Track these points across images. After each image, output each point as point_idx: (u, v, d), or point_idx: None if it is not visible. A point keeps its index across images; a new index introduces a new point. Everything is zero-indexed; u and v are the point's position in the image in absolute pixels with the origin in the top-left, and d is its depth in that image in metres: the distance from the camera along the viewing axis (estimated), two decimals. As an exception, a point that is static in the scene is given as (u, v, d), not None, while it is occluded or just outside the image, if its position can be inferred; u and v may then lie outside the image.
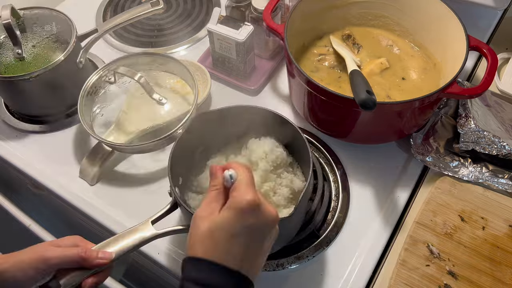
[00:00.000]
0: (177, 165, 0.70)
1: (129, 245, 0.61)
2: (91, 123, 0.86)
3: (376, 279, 0.73)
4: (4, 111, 0.98)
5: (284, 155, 0.74)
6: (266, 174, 0.72)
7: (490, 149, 0.80)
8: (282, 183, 0.73)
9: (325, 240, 0.77)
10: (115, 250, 0.60)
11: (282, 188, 0.72)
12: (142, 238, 0.62)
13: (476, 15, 1.01)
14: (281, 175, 0.74)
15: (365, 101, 0.68)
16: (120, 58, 0.89)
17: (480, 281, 0.70)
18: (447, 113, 0.88)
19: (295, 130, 0.71)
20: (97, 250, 0.58)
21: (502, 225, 0.76)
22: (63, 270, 0.56)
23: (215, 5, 1.19)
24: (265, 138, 0.75)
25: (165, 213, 0.67)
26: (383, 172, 0.85)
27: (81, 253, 0.56)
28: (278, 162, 0.73)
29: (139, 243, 0.62)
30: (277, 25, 0.84)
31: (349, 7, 0.95)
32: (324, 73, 0.91)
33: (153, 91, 0.84)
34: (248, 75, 0.99)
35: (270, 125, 0.75)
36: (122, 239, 0.61)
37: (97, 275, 0.58)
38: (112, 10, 1.20)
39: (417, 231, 0.75)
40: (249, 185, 0.51)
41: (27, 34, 0.94)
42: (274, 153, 0.73)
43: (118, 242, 0.61)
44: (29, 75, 0.85)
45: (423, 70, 0.90)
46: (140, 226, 0.63)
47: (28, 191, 0.98)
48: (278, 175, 0.74)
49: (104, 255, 0.58)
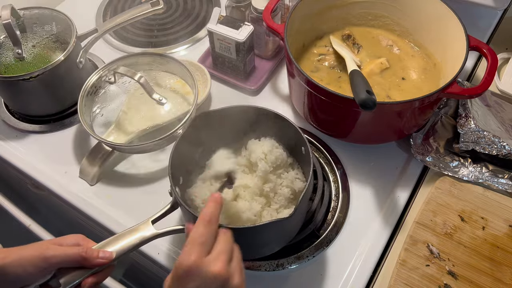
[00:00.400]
0: (177, 165, 0.70)
1: (130, 245, 0.61)
2: (91, 123, 0.86)
3: (376, 279, 0.73)
4: (4, 111, 0.98)
5: (284, 156, 0.74)
6: (265, 175, 0.72)
7: (490, 149, 0.80)
8: (283, 183, 0.73)
9: (325, 240, 0.77)
10: (115, 249, 0.59)
11: (282, 189, 0.72)
12: (142, 238, 0.62)
13: (476, 15, 1.01)
14: (282, 176, 0.74)
15: (365, 101, 0.68)
16: (120, 58, 0.89)
17: (480, 281, 0.70)
18: (447, 113, 0.88)
19: (295, 130, 0.71)
20: (98, 249, 0.58)
21: (502, 225, 0.76)
22: (64, 269, 0.56)
23: (215, 5, 1.19)
24: (264, 139, 0.76)
25: (165, 213, 0.67)
26: (383, 172, 0.85)
27: (82, 253, 0.56)
28: (278, 162, 0.73)
29: (139, 242, 0.62)
30: (277, 25, 0.84)
31: (349, 7, 0.95)
32: (324, 73, 0.91)
33: (153, 91, 0.84)
34: (248, 75, 0.99)
35: (271, 126, 0.75)
36: (122, 239, 0.61)
37: (97, 275, 0.58)
38: (112, 10, 1.20)
39: (417, 231, 0.75)
40: (194, 244, 0.50)
41: (27, 34, 0.94)
42: (273, 153, 0.73)
43: (119, 241, 0.61)
44: (29, 75, 0.85)
45: (423, 70, 0.90)
46: (140, 226, 0.63)
47: (28, 191, 0.98)
48: (278, 176, 0.74)
49: (105, 254, 0.58)
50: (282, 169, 0.74)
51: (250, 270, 0.74)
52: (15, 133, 0.95)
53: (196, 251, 0.49)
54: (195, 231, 0.51)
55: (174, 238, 0.79)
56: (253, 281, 0.74)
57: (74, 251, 0.56)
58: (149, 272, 0.92)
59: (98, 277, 0.58)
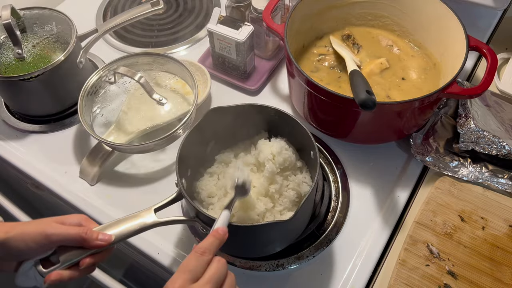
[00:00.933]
0: (186, 156, 0.70)
1: (130, 230, 0.62)
2: (91, 123, 0.86)
3: (376, 279, 0.73)
4: (4, 111, 0.98)
5: (292, 158, 0.74)
6: (272, 175, 0.71)
7: (490, 149, 0.80)
8: (289, 185, 0.72)
9: (325, 240, 0.77)
10: (115, 233, 0.60)
11: (288, 191, 0.72)
12: (143, 224, 0.62)
13: (476, 15, 1.01)
14: (289, 178, 0.73)
15: (365, 101, 0.68)
16: (120, 58, 0.89)
17: (480, 281, 0.70)
18: (447, 113, 0.88)
19: (306, 134, 0.71)
20: (98, 232, 0.59)
21: (502, 225, 0.76)
22: (64, 247, 0.57)
23: (215, 5, 1.19)
24: (275, 140, 0.75)
25: (169, 203, 0.67)
26: (383, 172, 0.85)
27: (82, 234, 0.57)
28: (285, 164, 0.73)
29: (139, 228, 0.62)
30: (277, 25, 0.84)
31: (349, 7, 0.95)
32: (324, 73, 0.91)
33: (153, 91, 0.84)
34: (248, 75, 0.99)
35: (283, 127, 0.75)
36: (123, 223, 0.62)
37: (95, 256, 0.59)
38: (112, 10, 1.20)
39: (417, 231, 0.75)
40: (182, 271, 0.50)
41: (27, 34, 0.94)
42: (282, 155, 0.72)
43: (119, 225, 0.61)
44: (29, 75, 0.85)
45: (423, 70, 0.90)
46: (143, 213, 0.64)
47: (28, 191, 0.98)
48: (285, 178, 0.73)
49: (104, 237, 0.58)
50: (290, 171, 0.74)
51: (250, 270, 0.74)
52: (15, 133, 0.95)
53: (182, 278, 0.49)
54: (187, 260, 0.52)
55: (174, 239, 0.79)
56: (253, 281, 0.74)
57: (75, 231, 0.57)
58: (149, 272, 0.92)
59: (96, 258, 0.59)
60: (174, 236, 0.79)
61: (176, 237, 0.79)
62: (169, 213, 0.67)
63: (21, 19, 0.93)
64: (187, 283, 0.49)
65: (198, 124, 0.72)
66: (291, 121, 0.73)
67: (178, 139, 0.85)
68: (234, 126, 0.76)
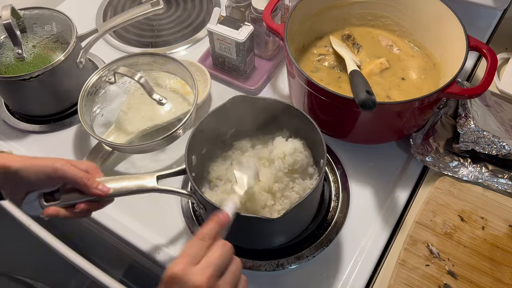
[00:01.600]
0: (204, 132, 0.72)
1: (128, 188, 0.64)
2: (91, 123, 0.86)
3: (376, 279, 0.73)
4: (4, 111, 0.98)
5: (304, 162, 0.74)
6: (278, 174, 0.71)
7: (489, 149, 0.80)
8: (294, 188, 0.72)
9: (325, 240, 0.77)
10: (114, 187, 0.63)
11: (292, 193, 0.71)
12: (142, 186, 0.65)
13: (476, 15, 1.01)
14: (296, 181, 0.73)
15: (365, 101, 0.68)
16: (120, 58, 0.89)
17: (480, 281, 0.70)
18: (447, 113, 0.88)
19: (321, 141, 0.70)
20: (99, 181, 0.63)
21: (502, 225, 0.76)
22: (66, 189, 0.62)
23: (215, 5, 1.19)
24: (292, 140, 0.75)
25: (173, 174, 0.69)
26: (383, 172, 0.85)
27: (85, 179, 0.61)
28: (295, 166, 0.73)
29: (137, 189, 0.65)
30: (277, 25, 0.84)
31: (349, 7, 0.95)
32: (324, 73, 0.91)
33: (153, 91, 0.84)
34: (248, 75, 0.99)
35: (303, 130, 0.75)
36: (124, 180, 0.65)
37: (90, 203, 0.63)
38: (112, 10, 1.20)
39: (417, 231, 0.76)
40: (183, 256, 0.50)
41: (27, 34, 0.94)
42: (293, 156, 0.72)
43: (120, 181, 0.64)
44: (29, 75, 0.85)
45: (423, 70, 0.90)
46: (145, 176, 0.66)
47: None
48: (292, 179, 0.73)
49: (103, 188, 0.62)
50: (299, 174, 0.74)
51: (250, 270, 0.74)
52: (15, 133, 0.95)
53: (184, 261, 0.50)
54: (187, 244, 0.52)
55: (174, 239, 0.79)
56: (253, 281, 0.74)
57: (80, 175, 0.61)
58: (149, 272, 0.92)
59: (91, 205, 0.63)
60: (174, 236, 0.79)
61: (177, 238, 0.79)
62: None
63: (21, 19, 0.93)
64: (188, 266, 0.50)
65: (223, 105, 0.73)
66: (310, 126, 0.72)
67: (178, 139, 0.85)
68: (258, 118, 0.77)
